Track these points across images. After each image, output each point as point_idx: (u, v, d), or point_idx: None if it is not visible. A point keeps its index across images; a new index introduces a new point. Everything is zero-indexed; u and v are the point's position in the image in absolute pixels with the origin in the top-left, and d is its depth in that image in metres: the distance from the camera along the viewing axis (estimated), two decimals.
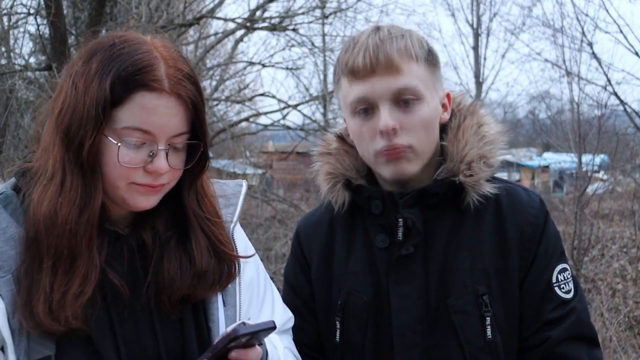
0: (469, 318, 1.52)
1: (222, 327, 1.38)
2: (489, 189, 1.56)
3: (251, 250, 1.53)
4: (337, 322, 1.61)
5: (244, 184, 1.55)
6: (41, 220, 1.23)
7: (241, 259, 1.45)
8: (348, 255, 1.64)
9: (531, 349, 1.55)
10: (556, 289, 1.55)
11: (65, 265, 1.23)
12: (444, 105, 1.61)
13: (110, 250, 1.32)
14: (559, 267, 1.57)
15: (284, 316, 1.56)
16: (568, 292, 1.56)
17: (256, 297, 1.50)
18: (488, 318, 1.51)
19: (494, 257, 1.55)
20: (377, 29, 1.56)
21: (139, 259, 1.35)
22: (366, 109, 1.53)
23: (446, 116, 1.62)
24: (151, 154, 1.26)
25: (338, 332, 1.61)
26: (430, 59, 1.56)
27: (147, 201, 1.31)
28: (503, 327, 1.53)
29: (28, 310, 1.20)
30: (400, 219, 1.55)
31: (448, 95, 1.63)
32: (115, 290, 1.29)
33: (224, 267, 1.39)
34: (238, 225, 1.50)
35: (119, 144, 1.25)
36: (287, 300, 1.64)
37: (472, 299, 1.52)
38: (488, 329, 1.51)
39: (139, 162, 1.26)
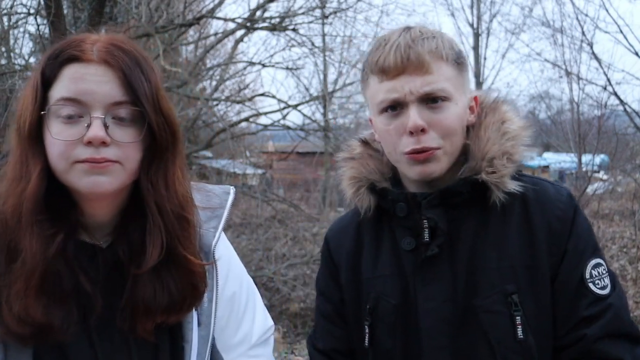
0: (498, 318, 1.49)
1: (194, 347, 1.35)
2: (514, 186, 1.53)
3: (235, 263, 1.50)
4: (366, 327, 1.59)
5: (232, 191, 1.48)
6: (1, 214, 1.22)
7: (223, 273, 1.40)
8: (376, 259, 1.63)
9: (567, 348, 1.50)
10: (590, 285, 1.50)
11: (13, 257, 1.19)
12: (471, 108, 1.61)
13: (86, 263, 1.27)
14: (593, 262, 1.52)
15: (264, 326, 1.55)
16: (604, 287, 1.51)
17: (236, 311, 1.48)
18: (518, 317, 1.47)
19: (522, 254, 1.51)
20: (409, 28, 1.56)
21: (117, 275, 1.28)
22: (394, 106, 1.53)
23: (473, 118, 1.61)
24: (87, 125, 1.20)
25: (367, 337, 1.59)
26: (460, 61, 1.56)
27: (96, 182, 1.20)
28: (535, 326, 1.49)
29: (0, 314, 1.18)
30: (425, 220, 1.54)
31: (475, 99, 1.62)
32: (91, 302, 1.24)
33: (187, 284, 1.30)
34: (222, 239, 1.44)
35: (46, 113, 1.22)
36: (318, 306, 1.64)
37: (500, 298, 1.49)
38: (519, 329, 1.47)
39: (74, 135, 1.20)
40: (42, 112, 1.22)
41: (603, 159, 13.64)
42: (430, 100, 1.51)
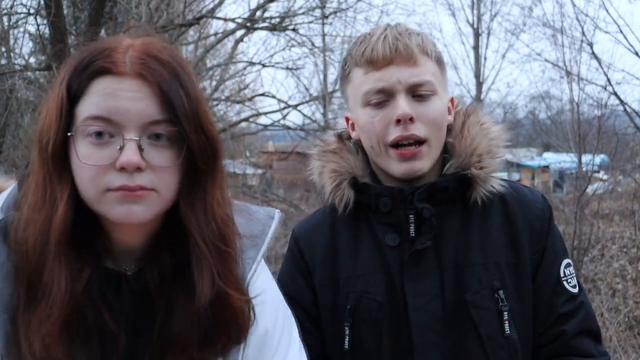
0: (487, 313, 1.50)
1: None
2: (496, 185, 1.56)
3: (272, 297, 1.33)
4: (347, 328, 1.54)
5: (277, 215, 1.34)
6: (16, 242, 1.11)
7: (256, 310, 1.24)
8: (355, 257, 1.59)
9: (547, 344, 1.54)
10: (564, 283, 1.56)
11: (35, 292, 1.09)
12: (448, 109, 1.62)
13: (111, 295, 1.16)
14: (565, 261, 1.59)
15: None
16: (574, 286, 1.57)
17: (268, 349, 1.31)
18: (505, 313, 1.50)
19: (506, 251, 1.55)
20: (392, 25, 1.58)
21: (144, 307, 1.17)
22: (380, 100, 1.52)
23: (451, 118, 1.62)
24: (120, 147, 1.09)
25: (347, 339, 1.55)
26: (441, 60, 1.59)
27: (130, 211, 1.10)
28: (518, 322, 1.52)
29: (17, 347, 1.09)
30: (411, 215, 1.53)
31: (452, 100, 1.64)
32: (115, 340, 1.14)
33: (226, 320, 1.17)
34: (261, 271, 1.29)
35: (73, 135, 1.10)
36: None
37: (488, 294, 1.51)
38: (506, 324, 1.50)
39: (104, 159, 1.09)
40: (69, 133, 1.11)
41: (603, 159, 13.63)
42: (417, 92, 1.52)
